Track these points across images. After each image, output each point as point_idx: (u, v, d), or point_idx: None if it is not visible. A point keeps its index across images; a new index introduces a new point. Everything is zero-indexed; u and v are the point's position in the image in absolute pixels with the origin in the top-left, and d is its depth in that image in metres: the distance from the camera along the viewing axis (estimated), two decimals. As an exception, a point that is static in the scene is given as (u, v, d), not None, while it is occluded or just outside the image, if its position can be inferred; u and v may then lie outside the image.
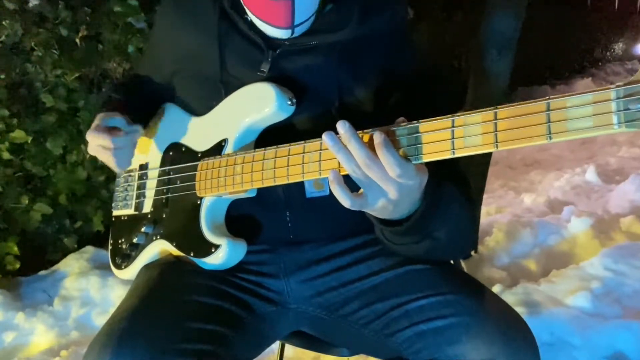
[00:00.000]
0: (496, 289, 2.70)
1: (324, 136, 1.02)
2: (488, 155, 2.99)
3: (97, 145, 1.36)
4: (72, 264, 3.12)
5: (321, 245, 1.36)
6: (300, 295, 1.36)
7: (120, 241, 1.54)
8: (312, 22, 1.29)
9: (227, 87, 1.34)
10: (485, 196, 3.29)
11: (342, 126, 1.01)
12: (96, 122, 1.39)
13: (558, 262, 3.09)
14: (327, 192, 1.29)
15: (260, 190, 1.28)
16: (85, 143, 1.42)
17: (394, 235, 1.17)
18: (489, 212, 3.91)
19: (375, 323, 1.26)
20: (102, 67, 3.08)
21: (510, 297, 2.56)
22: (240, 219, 1.36)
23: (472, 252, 3.16)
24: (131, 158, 1.42)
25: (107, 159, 1.38)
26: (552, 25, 8.58)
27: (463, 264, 2.94)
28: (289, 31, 1.27)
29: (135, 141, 1.40)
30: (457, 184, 1.19)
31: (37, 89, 2.99)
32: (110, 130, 1.36)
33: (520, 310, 2.24)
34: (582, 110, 0.82)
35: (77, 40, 3.00)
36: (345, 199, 1.03)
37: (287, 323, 1.41)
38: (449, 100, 1.33)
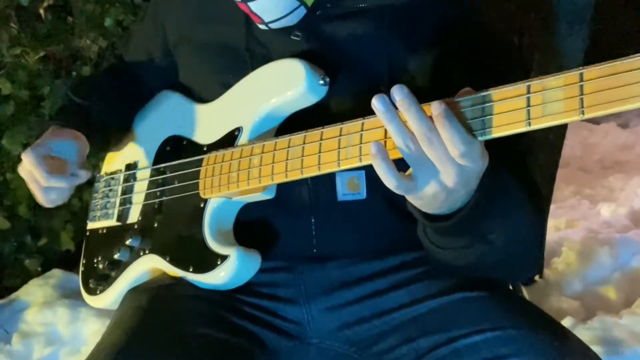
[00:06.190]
0: (567, 322, 2.69)
1: (375, 100, 1.02)
2: (557, 155, 2.98)
3: (29, 172, 1.37)
4: (34, 292, 3.14)
5: (352, 263, 1.35)
6: (324, 327, 1.36)
7: (96, 260, 1.54)
8: None
9: (254, 56, 1.35)
10: (553, 207, 3.28)
11: (399, 91, 1.01)
12: (43, 139, 1.41)
13: (644, 289, 3.08)
14: (364, 195, 1.29)
15: (279, 190, 1.29)
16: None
17: (439, 236, 1.17)
18: (557, 226, 3.90)
19: (416, 364, 1.26)
20: (73, 45, 3.10)
21: (584, 333, 2.56)
22: (250, 226, 1.36)
23: (537, 277, 3.16)
24: (62, 201, 1.42)
25: (34, 191, 1.39)
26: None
27: (525, 291, 2.93)
28: None
29: (73, 186, 1.41)
30: (521, 182, 1.19)
31: (-8, 72, 3.02)
32: (53, 161, 1.36)
33: (597, 349, 2.23)
34: None
35: (41, 12, 3.01)
36: (390, 178, 1.02)
37: (308, 362, 1.41)
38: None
